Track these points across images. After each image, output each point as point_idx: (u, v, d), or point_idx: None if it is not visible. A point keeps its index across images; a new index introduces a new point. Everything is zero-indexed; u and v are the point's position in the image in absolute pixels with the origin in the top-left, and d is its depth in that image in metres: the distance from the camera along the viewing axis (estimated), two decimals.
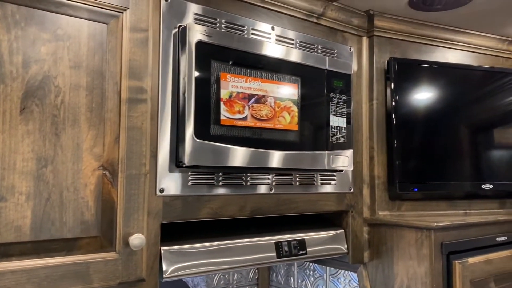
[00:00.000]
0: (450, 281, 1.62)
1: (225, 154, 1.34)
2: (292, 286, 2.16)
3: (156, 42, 1.28)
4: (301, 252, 1.60)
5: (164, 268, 1.27)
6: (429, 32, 1.91)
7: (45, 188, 1.05)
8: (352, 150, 1.70)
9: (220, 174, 1.38)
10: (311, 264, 2.07)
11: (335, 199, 1.71)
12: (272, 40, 1.54)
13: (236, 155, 1.37)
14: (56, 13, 1.09)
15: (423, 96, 1.87)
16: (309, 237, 1.65)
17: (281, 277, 2.22)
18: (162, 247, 1.28)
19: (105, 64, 1.16)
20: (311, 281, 2.07)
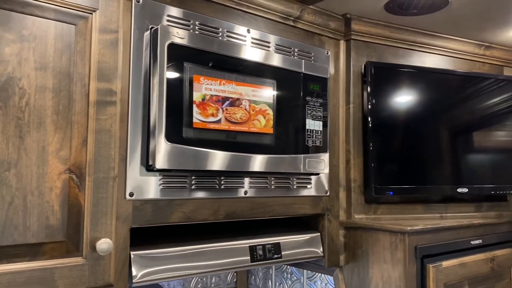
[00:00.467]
0: (424, 285, 1.63)
1: (198, 158, 1.33)
2: None
3: (127, 44, 1.26)
4: (276, 256, 1.59)
5: (134, 273, 1.25)
6: (406, 36, 1.92)
7: (8, 192, 1.03)
8: (328, 154, 1.70)
9: (193, 178, 1.37)
10: (289, 267, 2.07)
11: (311, 203, 1.70)
12: (248, 43, 1.53)
13: (210, 159, 1.36)
14: (22, 13, 1.07)
15: (400, 100, 1.88)
16: (285, 241, 1.64)
17: (259, 280, 2.21)
18: (132, 252, 1.26)
19: (73, 66, 1.14)
20: (289, 284, 2.07)
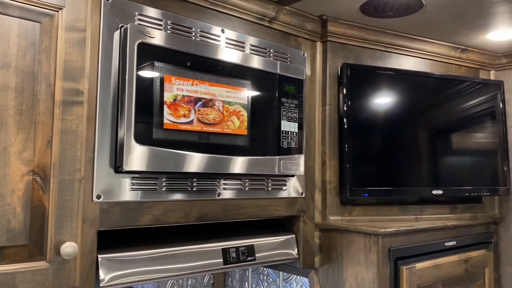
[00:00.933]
0: (398, 287, 1.64)
1: (169, 159, 1.31)
2: None
3: (96, 43, 1.23)
4: (250, 258, 1.58)
5: (102, 277, 1.23)
6: (383, 39, 1.92)
7: None
8: (304, 155, 1.69)
9: (164, 180, 1.35)
10: (265, 269, 2.06)
11: (286, 204, 1.69)
12: (222, 43, 1.52)
13: (181, 160, 1.34)
14: None
15: (376, 102, 1.88)
16: (259, 243, 1.63)
17: (236, 282, 2.20)
18: (100, 255, 1.24)
19: (38, 65, 1.11)
20: (265, 286, 2.05)
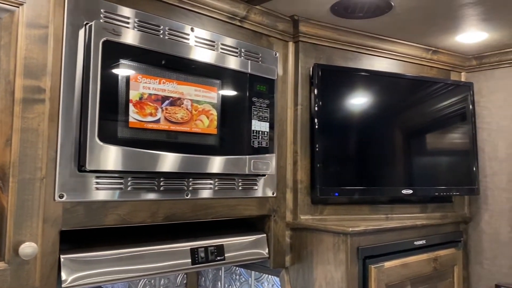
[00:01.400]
0: (366, 286, 1.65)
1: (135, 158, 1.30)
2: None
3: (59, 40, 1.21)
4: (219, 258, 1.57)
5: (63, 278, 1.21)
6: (355, 40, 1.94)
7: None
8: (275, 155, 1.70)
9: (129, 179, 1.33)
10: (238, 269, 2.05)
11: (257, 204, 1.69)
12: (191, 42, 1.51)
13: (148, 159, 1.32)
14: None
15: (348, 103, 1.89)
16: (228, 243, 1.62)
17: (209, 282, 2.19)
18: (62, 255, 1.22)
19: None
20: (237, 285, 2.05)
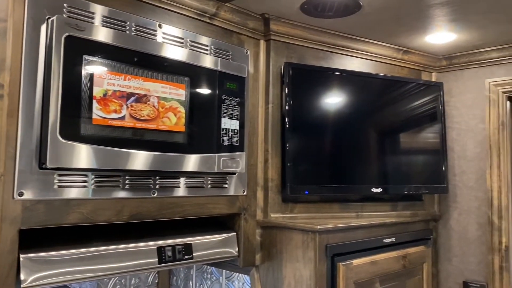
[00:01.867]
0: (334, 283, 1.66)
1: (99, 156, 1.27)
2: None
3: (19, 34, 1.18)
4: (187, 257, 1.56)
5: (23, 278, 1.18)
6: (326, 39, 1.95)
7: None
8: (245, 153, 1.69)
9: (93, 177, 1.31)
10: (209, 268, 2.05)
11: (227, 202, 1.69)
12: (159, 38, 1.49)
13: (112, 157, 1.30)
14: None
15: (318, 102, 1.90)
16: (197, 241, 1.61)
17: (181, 281, 2.18)
18: (22, 255, 1.19)
19: None
20: (208, 284, 2.04)
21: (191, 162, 1.51)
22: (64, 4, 1.27)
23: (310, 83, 1.87)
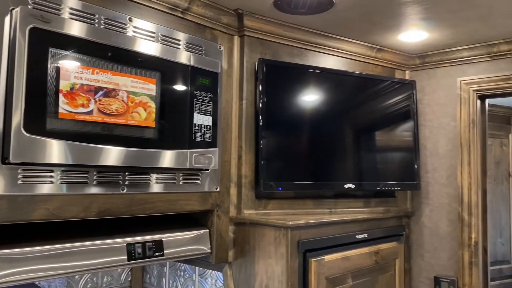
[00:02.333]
0: (306, 279, 1.67)
1: (65, 151, 1.25)
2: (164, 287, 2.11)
3: None
4: (157, 254, 1.55)
5: None
6: (300, 36, 1.95)
7: None
8: (218, 149, 1.68)
9: (59, 172, 1.28)
10: (182, 265, 2.03)
11: (199, 199, 1.68)
12: (129, 32, 1.47)
13: (80, 152, 1.28)
14: None
15: (292, 98, 1.90)
16: (168, 238, 1.60)
17: (154, 279, 2.16)
18: None
19: None
20: (182, 282, 2.03)
21: (162, 158, 1.49)
22: None
23: (284, 80, 1.87)
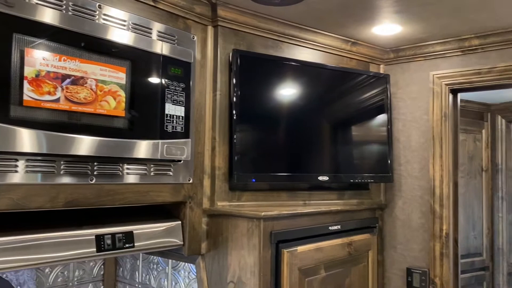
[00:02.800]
0: (279, 269, 1.67)
1: (31, 139, 1.22)
2: (137, 281, 2.08)
3: None
4: (128, 246, 1.52)
5: None
6: (275, 27, 1.94)
7: None
8: (191, 140, 1.67)
9: (24, 161, 1.25)
10: (155, 258, 2.01)
11: (171, 190, 1.66)
12: (98, 19, 1.44)
13: (46, 141, 1.25)
14: None
15: (267, 90, 1.89)
16: (139, 230, 1.58)
17: (127, 272, 2.13)
18: None
19: None
20: (155, 275, 2.01)
21: (132, 148, 1.47)
22: None
23: (259, 71, 1.87)
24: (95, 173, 1.42)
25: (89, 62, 1.37)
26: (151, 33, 1.59)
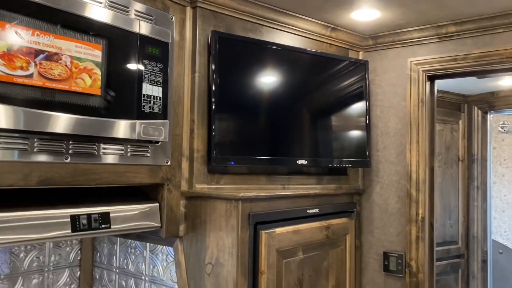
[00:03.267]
0: (257, 250, 1.68)
1: (2, 115, 1.19)
2: (115, 265, 2.06)
3: None
4: (104, 226, 1.51)
5: None
6: (255, 10, 1.94)
7: None
8: (169, 122, 1.65)
9: None
10: (133, 242, 1.99)
11: (148, 172, 1.64)
12: None
13: (18, 117, 1.22)
14: None
15: (246, 73, 1.89)
16: (116, 211, 1.56)
17: (105, 257, 2.11)
18: None
19: None
20: (132, 259, 1.99)
21: (108, 127, 1.45)
22: None
23: (238, 54, 1.86)
24: (70, 152, 1.40)
25: (64, 38, 1.34)
26: (129, 12, 1.56)
